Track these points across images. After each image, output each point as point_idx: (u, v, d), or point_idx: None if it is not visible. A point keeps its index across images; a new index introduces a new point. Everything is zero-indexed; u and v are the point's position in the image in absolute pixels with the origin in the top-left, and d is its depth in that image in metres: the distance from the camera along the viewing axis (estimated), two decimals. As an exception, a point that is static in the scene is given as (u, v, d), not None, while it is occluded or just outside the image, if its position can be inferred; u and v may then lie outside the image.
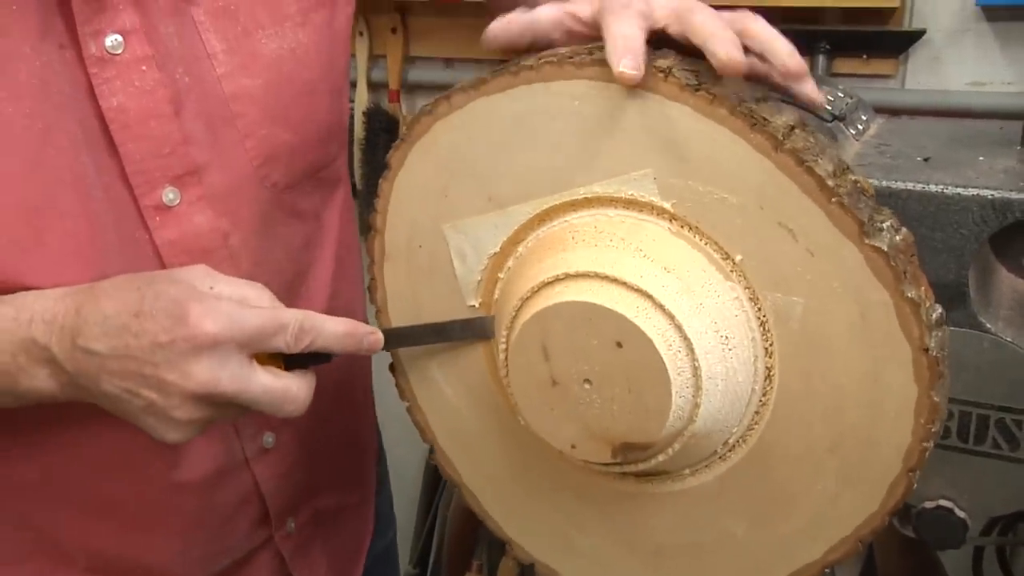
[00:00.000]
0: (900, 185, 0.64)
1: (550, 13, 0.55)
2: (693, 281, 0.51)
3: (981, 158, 0.68)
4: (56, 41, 0.58)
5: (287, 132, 0.68)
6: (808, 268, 0.49)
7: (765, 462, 0.55)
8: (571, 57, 0.52)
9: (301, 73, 0.68)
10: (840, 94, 0.79)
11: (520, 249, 0.57)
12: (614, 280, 0.51)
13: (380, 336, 0.60)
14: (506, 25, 0.53)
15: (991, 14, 1.40)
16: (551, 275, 0.52)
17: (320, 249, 0.76)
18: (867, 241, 0.47)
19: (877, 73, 1.51)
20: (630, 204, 0.53)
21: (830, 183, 0.47)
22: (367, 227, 0.63)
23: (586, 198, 0.54)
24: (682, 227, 0.52)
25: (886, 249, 0.47)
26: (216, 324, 0.53)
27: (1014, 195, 0.61)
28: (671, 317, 0.50)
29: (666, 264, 0.51)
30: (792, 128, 0.49)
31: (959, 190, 0.63)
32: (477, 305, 0.60)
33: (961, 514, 0.68)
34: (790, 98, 0.55)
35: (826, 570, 0.56)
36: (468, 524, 1.65)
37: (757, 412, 0.54)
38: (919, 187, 0.64)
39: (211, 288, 0.56)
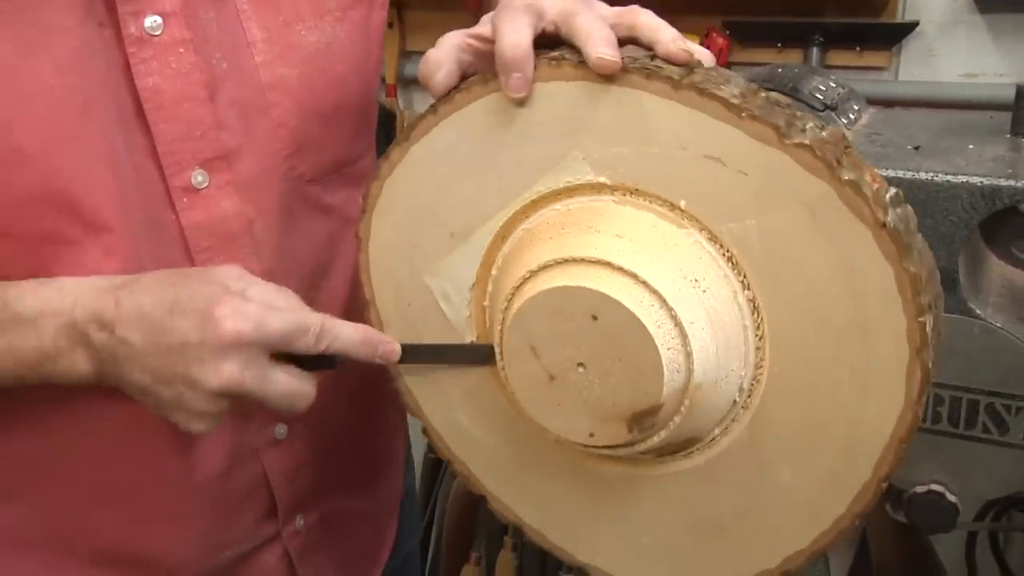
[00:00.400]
0: (890, 173, 0.65)
1: (455, 41, 0.56)
2: (647, 238, 0.52)
3: (971, 146, 0.69)
4: (96, 19, 0.59)
5: (318, 124, 0.69)
6: (746, 188, 0.50)
7: (783, 396, 0.54)
8: (478, 79, 0.54)
9: (335, 67, 0.69)
10: (832, 84, 0.80)
11: (493, 272, 0.59)
12: (571, 260, 0.52)
13: (396, 347, 0.61)
14: (445, 77, 0.55)
15: (983, 6, 1.41)
16: (517, 279, 0.54)
17: (343, 245, 0.77)
18: (788, 142, 0.47)
19: (871, 65, 1.52)
20: (572, 191, 0.54)
21: (736, 102, 0.48)
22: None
23: (533, 201, 0.56)
24: (624, 195, 0.53)
25: (809, 143, 0.47)
26: (244, 325, 0.55)
27: (1002, 182, 0.62)
28: (633, 276, 0.51)
29: (617, 232, 0.52)
30: (691, 69, 0.50)
31: (949, 178, 0.63)
32: (475, 339, 0.61)
33: (952, 498, 0.69)
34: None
35: (882, 485, 0.54)
36: (466, 516, 1.66)
37: (758, 348, 0.53)
38: (909, 175, 0.64)
39: (243, 290, 0.58)
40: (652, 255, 0.51)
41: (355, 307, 0.71)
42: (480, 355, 0.61)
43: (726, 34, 1.50)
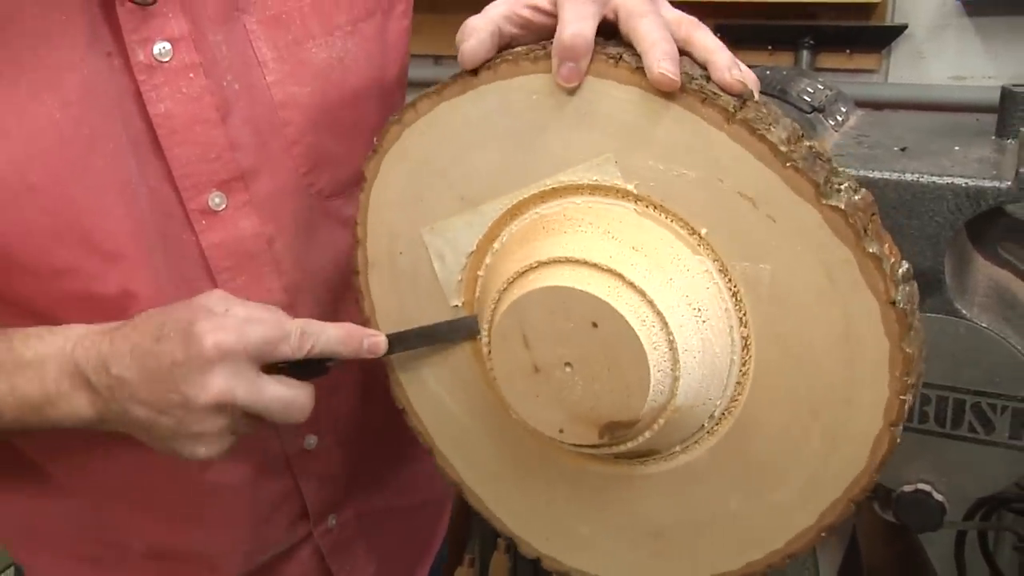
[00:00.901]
0: (877, 174, 0.65)
1: (500, 11, 0.56)
2: (662, 257, 0.52)
3: (957, 148, 0.70)
4: (103, 49, 0.59)
5: (334, 140, 0.69)
6: (771, 234, 0.50)
7: (751, 432, 0.56)
8: (526, 54, 0.53)
9: (349, 81, 0.69)
10: (820, 86, 0.81)
11: (496, 245, 0.59)
12: (584, 263, 0.52)
13: (382, 339, 0.62)
14: (477, 47, 0.54)
15: (972, 9, 1.42)
16: (524, 265, 0.54)
17: None
18: (824, 201, 0.48)
19: (861, 67, 1.53)
20: (595, 189, 0.54)
21: (783, 149, 0.48)
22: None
23: (554, 188, 0.55)
24: (647, 207, 0.53)
25: (843, 207, 0.48)
26: (224, 337, 0.56)
27: (987, 183, 0.62)
28: (642, 293, 0.51)
29: (634, 243, 0.52)
30: (744, 101, 0.50)
31: (934, 179, 0.64)
32: (460, 305, 0.61)
33: (939, 497, 0.69)
34: None
35: (821, 534, 0.56)
36: (460, 518, 1.66)
37: (739, 382, 0.55)
38: (895, 176, 0.65)
39: (226, 310, 0.58)
40: (663, 276, 0.52)
41: None
42: (468, 329, 0.60)
43: (718, 37, 1.51)
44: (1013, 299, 0.69)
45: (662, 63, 0.49)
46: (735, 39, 1.59)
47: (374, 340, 0.61)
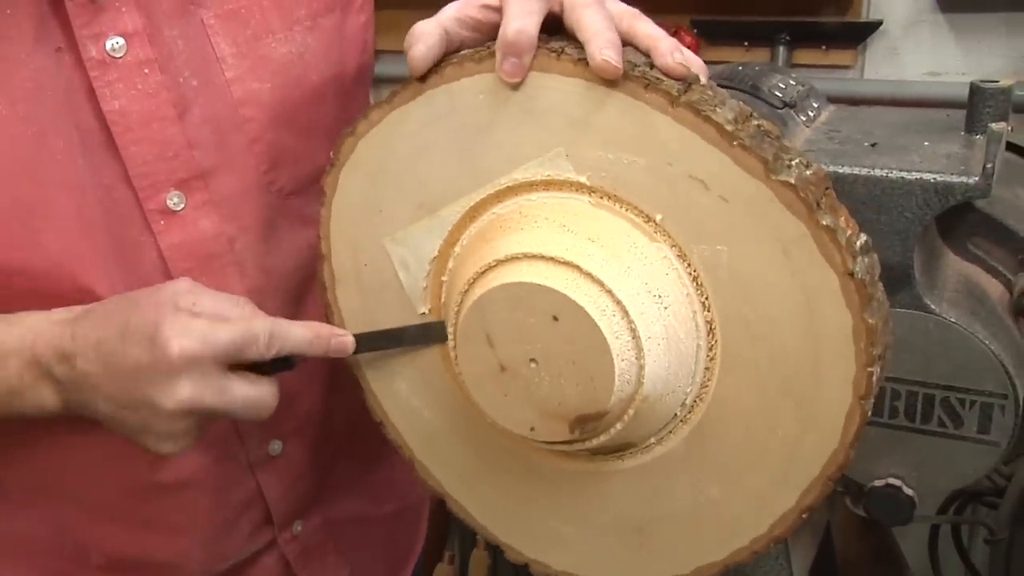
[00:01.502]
0: (846, 170, 0.65)
1: (450, 14, 0.55)
2: (618, 247, 0.52)
3: (926, 143, 0.70)
4: (52, 44, 0.58)
5: (293, 137, 0.68)
6: (725, 214, 0.50)
7: (724, 417, 0.55)
8: (472, 55, 0.53)
9: (309, 77, 0.68)
10: (792, 82, 0.81)
11: (457, 249, 0.58)
12: (541, 257, 0.52)
13: (349, 339, 0.61)
14: (425, 52, 0.54)
15: (945, 5, 1.42)
16: (483, 265, 0.54)
17: None
18: (774, 177, 0.48)
19: (836, 64, 1.54)
20: (549, 185, 0.54)
21: (730, 128, 0.48)
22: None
23: (508, 187, 0.55)
24: (601, 198, 0.53)
25: (794, 182, 0.48)
26: (190, 344, 0.55)
27: (955, 179, 0.62)
28: (600, 283, 0.51)
29: (590, 235, 0.52)
30: (688, 84, 0.50)
31: (903, 174, 0.64)
32: (427, 311, 0.61)
33: (909, 492, 0.69)
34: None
35: (803, 515, 0.56)
36: (440, 515, 1.66)
37: (707, 368, 0.54)
38: (864, 171, 0.65)
39: (193, 304, 0.57)
40: (620, 265, 0.52)
41: None
42: (437, 334, 0.60)
43: (694, 32, 1.51)
44: (982, 294, 0.69)
45: (604, 51, 0.49)
46: (711, 35, 1.59)
47: (341, 340, 0.61)
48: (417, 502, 0.95)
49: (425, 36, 0.54)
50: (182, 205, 0.64)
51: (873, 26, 1.48)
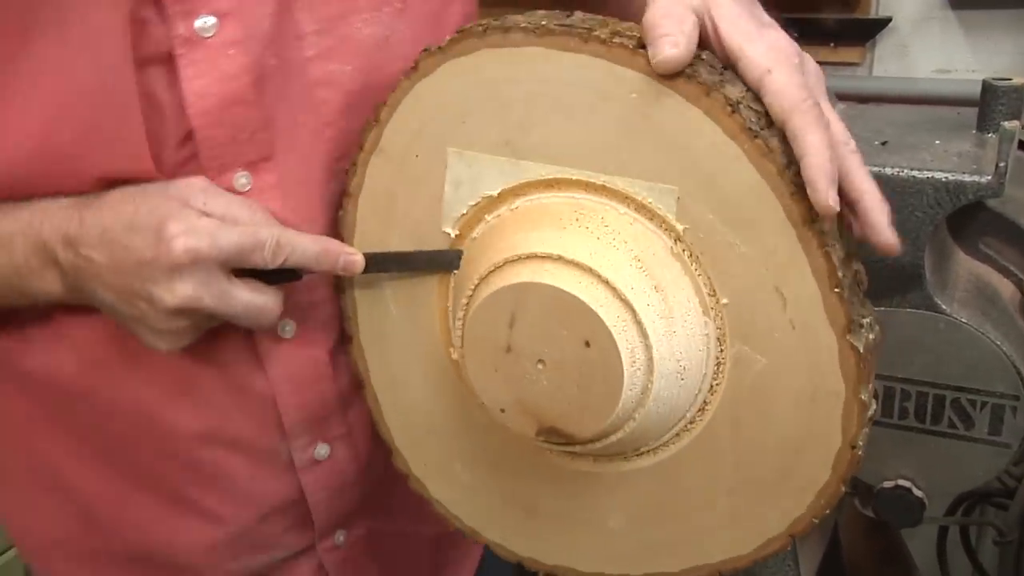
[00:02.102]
0: (857, 168, 0.65)
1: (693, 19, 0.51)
2: (675, 307, 0.51)
3: (937, 142, 0.69)
4: (142, 15, 0.56)
5: None
6: (784, 337, 0.50)
7: (666, 477, 0.57)
8: (643, 46, 0.50)
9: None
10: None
11: (519, 202, 0.56)
12: (605, 282, 0.50)
13: (359, 258, 0.60)
14: (685, 58, 0.49)
15: (955, 2, 1.41)
16: (545, 250, 0.52)
17: None
18: (848, 337, 0.48)
19: (845, 61, 1.53)
20: (642, 209, 0.52)
21: (839, 273, 0.48)
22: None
23: (604, 185, 0.53)
24: (683, 251, 0.52)
25: (861, 350, 0.48)
26: (195, 242, 0.54)
27: (967, 178, 0.62)
28: (645, 336, 0.50)
29: (657, 283, 0.51)
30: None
31: (914, 173, 0.63)
32: (453, 235, 0.59)
33: (919, 493, 0.69)
34: None
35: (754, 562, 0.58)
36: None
37: (678, 434, 0.55)
38: (876, 170, 0.64)
39: (204, 204, 0.56)
40: (669, 327, 0.51)
41: None
42: (448, 262, 0.59)
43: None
44: (993, 294, 0.68)
45: (831, 196, 0.46)
46: (719, 32, 1.58)
47: (350, 259, 0.59)
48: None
49: (688, 39, 0.50)
50: (249, 186, 0.62)
51: (882, 23, 1.47)
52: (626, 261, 0.51)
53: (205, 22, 0.57)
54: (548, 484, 0.61)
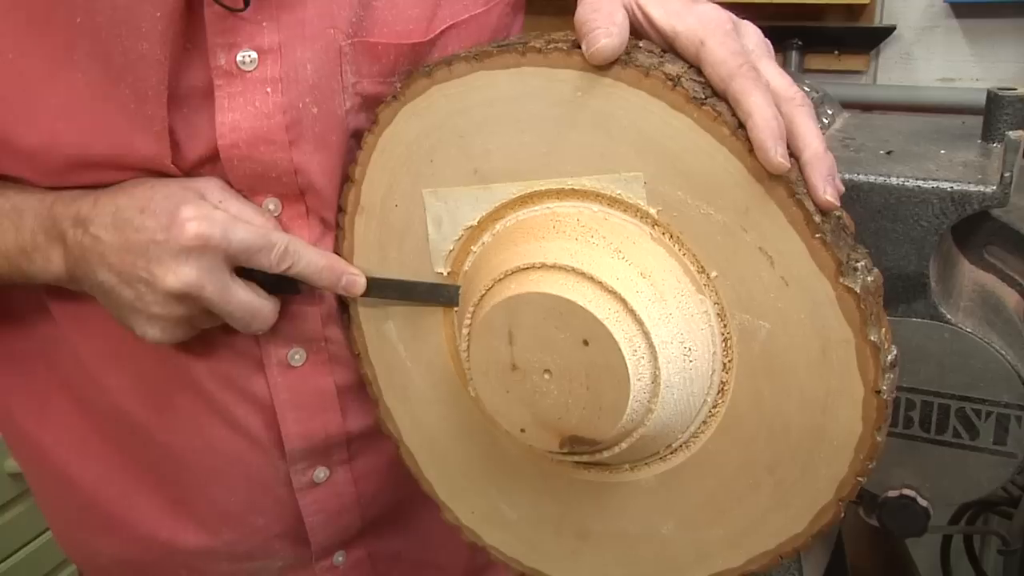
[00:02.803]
0: (862, 178, 0.65)
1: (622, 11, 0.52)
2: (666, 290, 0.51)
3: (942, 151, 0.69)
4: (182, 43, 0.56)
5: None
6: (780, 296, 0.50)
7: (703, 470, 0.56)
8: (579, 46, 0.51)
9: None
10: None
11: (498, 226, 0.57)
12: (590, 278, 0.51)
13: (362, 279, 0.60)
14: (618, 46, 0.50)
15: (959, 11, 1.42)
16: (527, 262, 0.53)
17: None
18: (841, 280, 0.48)
19: (849, 69, 1.53)
20: (615, 203, 0.53)
21: (816, 219, 0.48)
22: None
23: (573, 189, 0.54)
24: (663, 234, 0.52)
25: (858, 291, 0.48)
26: (207, 229, 0.55)
27: (972, 187, 0.62)
28: (640, 323, 0.50)
29: (642, 269, 0.51)
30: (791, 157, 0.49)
31: (919, 183, 0.63)
32: (445, 273, 0.60)
33: (923, 503, 0.68)
34: None
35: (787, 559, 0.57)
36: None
37: (704, 422, 0.55)
38: (880, 180, 0.64)
39: (219, 201, 0.57)
40: (664, 309, 0.51)
41: None
42: (447, 297, 0.59)
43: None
44: (998, 304, 0.68)
45: (779, 152, 0.47)
46: (723, 40, 1.59)
47: (353, 279, 0.60)
48: (476, 561, 0.89)
49: (621, 29, 0.50)
50: (278, 212, 0.62)
51: (886, 31, 1.47)
52: (607, 255, 0.52)
53: (246, 56, 0.57)
54: (592, 503, 0.60)
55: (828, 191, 0.49)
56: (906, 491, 0.69)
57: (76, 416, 0.70)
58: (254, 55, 0.57)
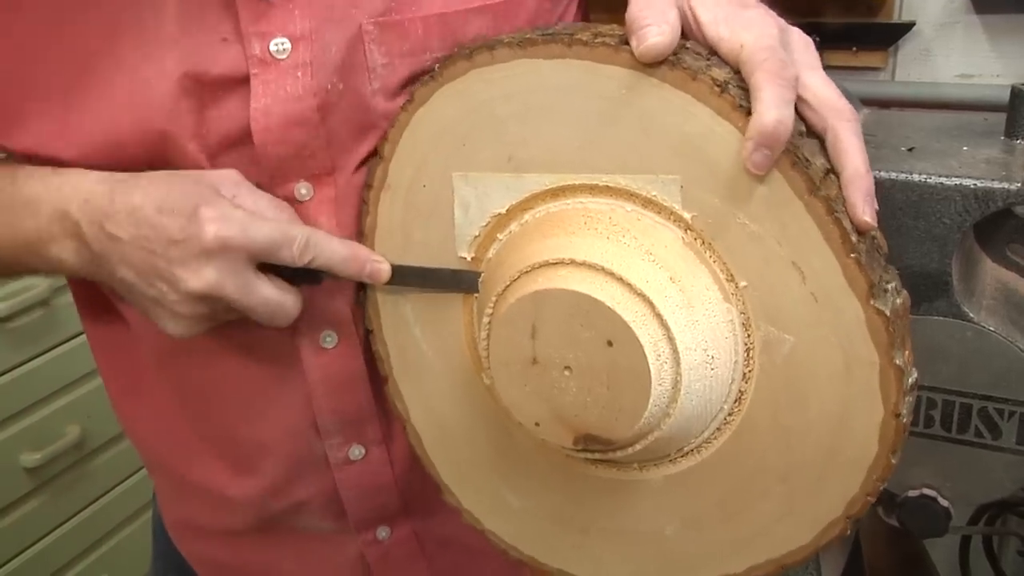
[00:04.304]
0: (884, 175, 0.64)
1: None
2: (694, 296, 0.51)
3: (965, 148, 0.68)
4: (219, 35, 0.58)
5: None
6: (808, 311, 0.50)
7: (713, 474, 0.56)
8: (627, 43, 0.51)
9: None
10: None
11: (527, 217, 0.57)
12: (619, 279, 0.50)
13: (386, 266, 0.60)
14: (669, 44, 0.50)
15: (980, 6, 1.40)
16: (556, 256, 0.52)
17: None
18: (872, 303, 0.48)
19: (867, 65, 1.52)
20: (649, 204, 0.53)
21: (853, 238, 0.47)
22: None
23: (607, 186, 0.53)
24: (695, 239, 0.52)
25: (888, 314, 0.48)
26: (227, 230, 0.55)
27: (996, 184, 0.61)
28: (667, 328, 0.50)
29: (672, 274, 0.51)
30: (828, 172, 0.49)
31: (942, 180, 0.63)
32: (469, 259, 0.59)
33: (944, 503, 0.68)
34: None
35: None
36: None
37: (719, 428, 0.55)
38: (903, 177, 0.63)
39: (234, 196, 0.57)
40: (691, 315, 0.51)
41: None
42: (468, 283, 0.59)
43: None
44: (1021, 302, 0.68)
45: (866, 213, 0.48)
46: (740, 36, 1.58)
47: (377, 267, 0.60)
48: None
49: (674, 28, 0.50)
50: (309, 196, 0.63)
51: (905, 27, 1.46)
52: (638, 256, 0.51)
53: (280, 44, 0.58)
54: (598, 499, 0.60)
55: (867, 211, 0.49)
56: (926, 491, 0.68)
57: (162, 397, 0.73)
58: (287, 43, 0.58)
